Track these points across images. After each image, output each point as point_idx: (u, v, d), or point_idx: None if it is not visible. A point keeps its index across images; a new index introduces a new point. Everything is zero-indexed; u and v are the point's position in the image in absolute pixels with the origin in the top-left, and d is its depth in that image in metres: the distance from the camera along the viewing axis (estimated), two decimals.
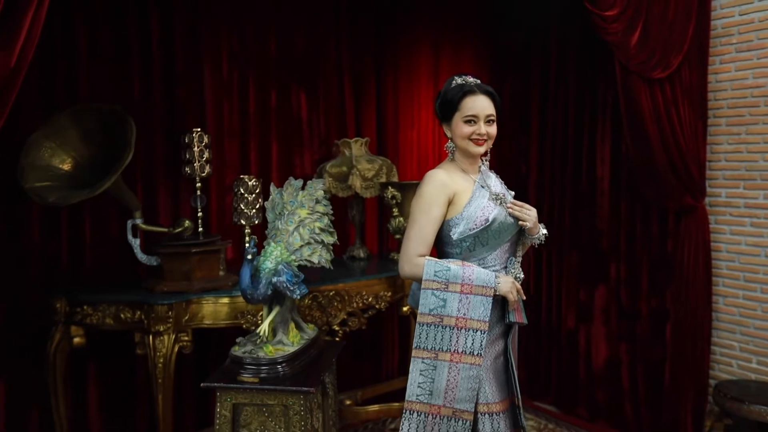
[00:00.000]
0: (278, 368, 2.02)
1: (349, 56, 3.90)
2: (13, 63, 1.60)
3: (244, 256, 2.01)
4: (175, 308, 2.66)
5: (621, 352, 3.81)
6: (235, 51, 3.46)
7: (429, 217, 2.04)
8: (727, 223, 3.41)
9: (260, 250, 2.19)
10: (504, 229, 2.09)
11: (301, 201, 2.25)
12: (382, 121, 4.10)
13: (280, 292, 2.03)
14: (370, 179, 3.61)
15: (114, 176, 2.33)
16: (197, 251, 2.79)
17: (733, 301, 3.39)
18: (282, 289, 2.00)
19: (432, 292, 1.98)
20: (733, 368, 3.40)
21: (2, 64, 1.58)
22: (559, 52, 4.03)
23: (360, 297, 3.14)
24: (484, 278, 1.99)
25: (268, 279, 1.99)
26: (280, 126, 3.66)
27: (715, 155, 3.43)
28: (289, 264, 2.06)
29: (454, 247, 2.09)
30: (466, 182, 2.12)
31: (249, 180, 3.06)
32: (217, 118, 3.43)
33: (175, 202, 3.30)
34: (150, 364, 2.66)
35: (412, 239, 2.04)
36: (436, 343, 1.98)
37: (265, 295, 2.01)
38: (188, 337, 2.72)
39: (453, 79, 2.17)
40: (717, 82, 3.40)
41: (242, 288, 2.01)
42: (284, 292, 2.02)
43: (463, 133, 2.08)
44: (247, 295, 2.01)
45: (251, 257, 1.99)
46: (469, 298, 1.97)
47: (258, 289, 1.98)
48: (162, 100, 3.22)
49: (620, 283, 3.80)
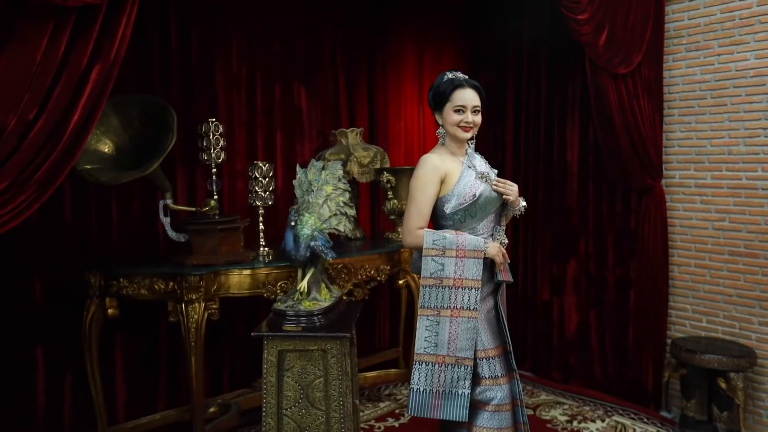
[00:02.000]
0: (315, 319, 2.36)
1: (343, 56, 4.27)
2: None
3: (287, 223, 2.35)
4: (205, 279, 2.96)
5: (591, 319, 4.26)
6: (244, 49, 3.77)
7: (425, 195, 2.34)
8: (681, 201, 3.90)
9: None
10: (489, 203, 2.42)
11: (325, 179, 2.59)
12: (373, 113, 4.46)
13: (316, 254, 2.37)
14: (366, 165, 3.96)
15: (160, 158, 2.63)
16: (222, 228, 3.09)
17: (686, 269, 3.88)
18: (318, 251, 2.35)
19: (432, 258, 2.28)
20: (686, 327, 3.89)
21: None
22: (531, 51, 4.48)
23: (363, 270, 3.50)
24: (475, 243, 2.31)
25: (307, 243, 2.34)
26: (284, 117, 3.98)
27: (670, 141, 3.92)
28: (322, 231, 2.41)
29: (447, 220, 2.40)
30: (455, 164, 2.44)
31: (263, 165, 3.38)
32: (228, 110, 3.72)
33: (192, 186, 3.58)
34: (183, 330, 2.96)
35: (413, 214, 2.35)
36: (438, 301, 2.27)
37: (305, 256, 2.35)
38: (216, 305, 3.03)
39: (445, 74, 2.50)
40: (670, 78, 3.89)
41: (287, 250, 2.34)
42: (320, 254, 2.36)
43: (452, 121, 2.39)
44: (291, 256, 2.35)
45: (294, 224, 2.33)
46: (463, 261, 2.28)
47: (300, 251, 2.33)
48: (179, 91, 3.49)
49: (589, 256, 4.25)
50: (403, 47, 4.56)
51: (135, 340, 3.41)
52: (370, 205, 4.44)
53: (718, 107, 3.67)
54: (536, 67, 4.46)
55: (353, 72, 4.33)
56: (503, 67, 4.68)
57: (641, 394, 3.91)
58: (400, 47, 4.55)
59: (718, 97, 3.66)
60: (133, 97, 2.90)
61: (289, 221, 2.32)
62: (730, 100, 3.62)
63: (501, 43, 4.69)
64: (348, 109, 4.33)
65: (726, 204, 3.67)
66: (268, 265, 3.13)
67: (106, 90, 2.07)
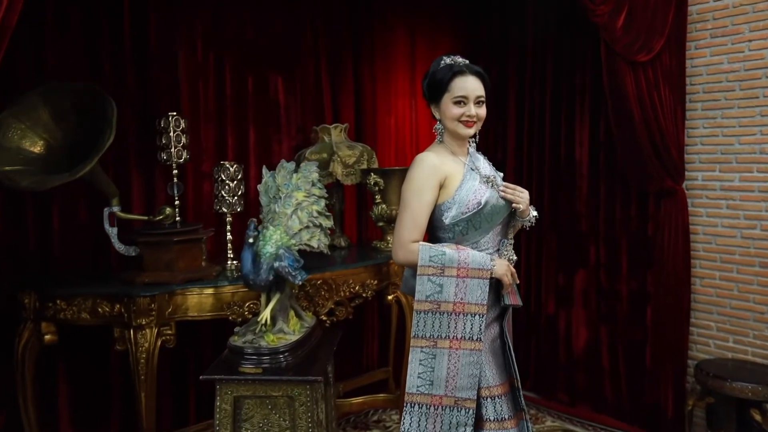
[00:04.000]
0: (281, 358, 1.93)
1: (326, 42, 3.81)
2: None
3: (245, 240, 1.90)
4: (158, 300, 2.52)
5: (601, 335, 3.85)
6: (210, 33, 3.31)
7: (421, 202, 2.00)
8: (704, 206, 3.48)
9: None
10: (496, 212, 2.07)
11: (296, 183, 2.15)
12: (360, 107, 4.02)
13: (282, 277, 1.93)
14: (351, 166, 3.53)
15: (94, 159, 2.17)
16: (180, 240, 2.65)
17: (710, 282, 3.47)
18: (284, 274, 1.91)
19: (428, 277, 1.94)
20: (710, 348, 3.48)
21: None
22: (536, 37, 4.04)
23: (347, 285, 3.06)
24: (479, 261, 1.97)
25: (270, 264, 1.89)
26: (258, 111, 3.54)
27: (692, 139, 3.50)
28: (289, 248, 1.96)
29: (446, 232, 2.06)
30: (456, 165, 2.09)
31: (230, 166, 2.93)
32: (193, 102, 3.28)
33: (150, 190, 3.14)
34: (131, 360, 2.51)
35: (405, 225, 2.00)
36: (435, 330, 1.93)
37: (267, 280, 1.91)
38: (171, 330, 2.59)
39: (441, 59, 2.13)
40: (693, 67, 3.46)
41: (244, 273, 1.90)
42: (286, 277, 1.92)
43: (452, 115, 2.04)
44: (249, 281, 1.91)
45: (252, 241, 1.88)
46: (465, 281, 1.94)
47: (260, 274, 1.88)
48: (134, 82, 3.05)
49: (600, 266, 3.84)
50: (393, 34, 4.12)
51: (81, 369, 2.96)
52: (357, 209, 4.00)
53: (749, 100, 3.25)
54: (541, 56, 4.02)
55: (337, 61, 3.88)
56: (504, 55, 4.24)
57: (660, 421, 3.49)
58: (389, 34, 4.10)
59: (749, 88, 3.25)
60: (64, 85, 2.43)
61: (247, 237, 1.88)
62: (762, 92, 3.21)
63: (502, 29, 4.25)
64: (331, 102, 3.89)
65: (757, 210, 3.26)
66: (234, 283, 2.66)
67: None
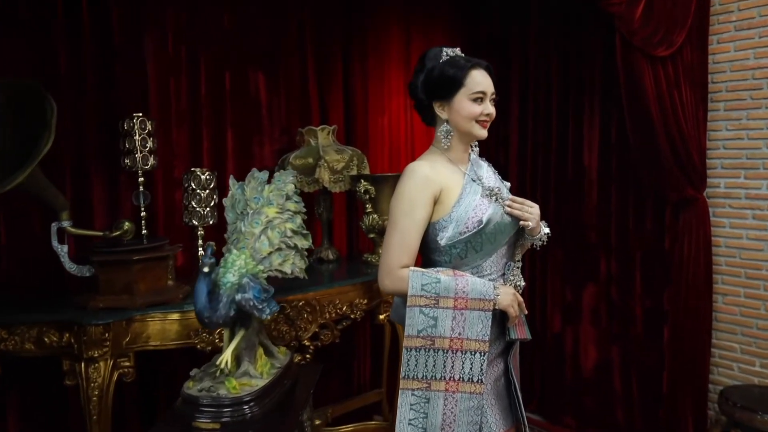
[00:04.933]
0: (245, 409, 1.60)
1: (313, 36, 3.47)
2: None
3: (199, 269, 1.58)
4: (113, 328, 2.20)
5: (612, 355, 3.54)
6: (183, 25, 2.97)
7: (412, 221, 1.73)
8: (727, 216, 3.17)
9: (219, 259, 1.76)
10: (501, 231, 1.79)
11: (268, 197, 1.83)
12: (350, 107, 3.68)
13: (246, 311, 1.61)
14: (340, 172, 3.23)
15: (28, 168, 1.85)
16: (140, 258, 2.32)
17: (734, 300, 3.16)
18: (248, 308, 1.59)
19: (420, 309, 1.68)
20: (734, 372, 3.17)
21: None
22: (540, 31, 3.73)
23: (333, 306, 2.75)
24: (480, 290, 1.71)
25: (231, 296, 1.57)
26: (237, 111, 3.20)
27: (713, 142, 3.18)
28: (256, 276, 1.65)
29: (442, 255, 1.79)
30: (454, 176, 1.82)
31: (202, 173, 2.62)
32: (163, 102, 2.95)
33: (114, 200, 2.81)
34: (82, 397, 2.19)
35: (393, 248, 1.73)
36: (428, 370, 1.68)
37: (226, 316, 1.59)
38: (130, 362, 2.27)
39: (442, 51, 1.85)
40: (715, 63, 3.15)
41: (198, 309, 1.58)
42: (251, 312, 1.60)
43: (471, 113, 1.79)
44: (204, 319, 1.58)
45: (208, 269, 1.56)
46: (464, 314, 1.69)
47: (218, 310, 1.56)
48: (96, 79, 2.72)
49: (611, 280, 3.54)
50: (387, 27, 3.78)
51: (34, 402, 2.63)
52: (347, 218, 3.68)
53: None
54: (546, 51, 3.70)
55: (326, 55, 3.54)
56: (506, 50, 3.91)
57: None
58: (383, 27, 3.77)
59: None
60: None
61: (201, 265, 1.56)
62: None
63: (504, 21, 3.92)
64: (319, 101, 3.55)
65: None
66: None
67: None
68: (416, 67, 1.90)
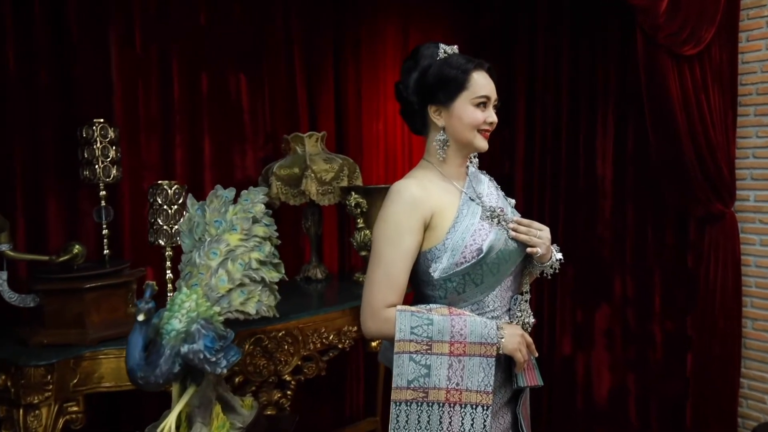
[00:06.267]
0: None
1: (301, 33, 3.17)
2: None
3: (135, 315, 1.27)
4: (58, 369, 1.89)
5: (628, 384, 3.25)
6: (152, 20, 2.67)
7: (398, 252, 1.48)
8: (757, 232, 2.87)
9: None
10: (505, 260, 1.53)
11: (231, 221, 1.53)
12: (342, 111, 3.38)
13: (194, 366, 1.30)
14: (329, 183, 2.94)
15: None
16: (94, 286, 2.02)
17: (765, 325, 2.85)
18: (197, 362, 1.28)
19: (410, 356, 1.44)
20: (765, 405, 2.86)
21: None
22: (549, 28, 3.42)
23: (318, 336, 2.45)
24: (482, 332, 1.46)
25: (175, 349, 1.27)
26: (215, 117, 2.90)
27: (742, 151, 2.88)
28: (210, 320, 1.34)
29: (435, 289, 1.54)
30: (448, 195, 1.57)
31: (169, 186, 2.31)
32: (130, 106, 2.65)
33: (73, 217, 2.50)
34: None
35: (377, 284, 1.48)
36: (421, 428, 1.44)
37: (168, 374, 1.28)
38: (79, 407, 1.97)
39: (439, 48, 1.59)
40: (744, 64, 2.84)
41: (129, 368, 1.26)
42: (200, 367, 1.30)
43: (473, 120, 1.55)
44: (137, 379, 1.27)
45: (144, 317, 1.25)
46: (462, 361, 1.44)
47: (157, 366, 1.25)
48: (51, 82, 2.43)
49: (627, 302, 3.24)
50: (382, 23, 3.48)
51: None
52: (339, 234, 3.38)
53: None
54: (555, 50, 3.41)
55: (315, 55, 3.24)
56: (511, 50, 3.61)
57: None
58: (377, 25, 3.46)
59: None
60: None
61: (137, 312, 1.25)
62: None
63: (509, 16, 3.61)
64: (308, 105, 3.25)
65: None
66: None
67: None
68: (406, 64, 1.61)
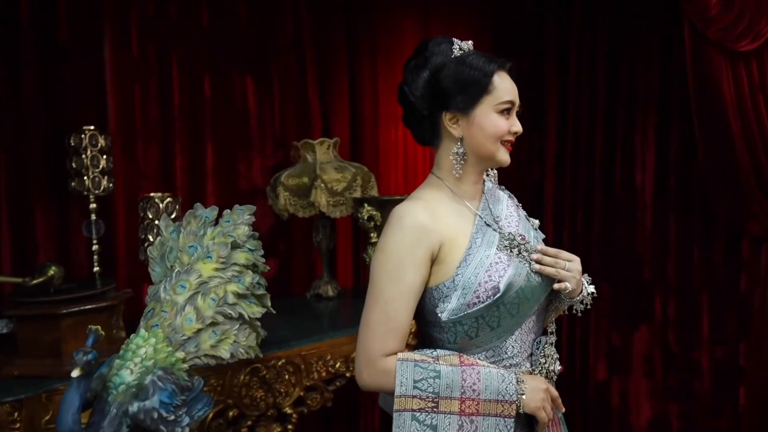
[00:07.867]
0: None
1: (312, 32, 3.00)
2: None
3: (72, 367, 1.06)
4: (28, 405, 1.71)
5: (670, 416, 3.00)
6: (149, 20, 2.52)
7: (400, 290, 1.27)
8: None
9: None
10: (526, 299, 1.30)
11: (207, 246, 1.32)
12: (358, 116, 3.20)
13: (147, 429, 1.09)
14: (340, 193, 2.73)
15: None
16: (72, 311, 1.84)
17: None
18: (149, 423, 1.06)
19: (413, 415, 1.23)
20: None
21: None
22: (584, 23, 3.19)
23: (323, 363, 2.24)
24: (498, 387, 1.25)
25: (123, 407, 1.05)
26: (219, 123, 2.74)
27: None
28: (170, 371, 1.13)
29: (443, 332, 1.31)
30: (460, 219, 1.34)
31: (160, 200, 2.14)
32: (126, 112, 2.50)
33: (62, 231, 2.36)
34: None
35: (374, 327, 1.27)
36: None
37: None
38: None
39: (453, 44, 1.37)
40: None
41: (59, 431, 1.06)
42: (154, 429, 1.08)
43: (498, 130, 1.31)
44: None
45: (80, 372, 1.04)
46: (475, 421, 1.24)
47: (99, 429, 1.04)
48: (39, 86, 2.29)
49: (668, 324, 3.01)
50: (400, 19, 3.28)
51: None
52: (353, 247, 3.17)
53: None
54: (590, 49, 3.17)
55: (328, 56, 3.07)
56: (541, 48, 3.39)
57: None
58: (395, 22, 3.26)
59: None
60: None
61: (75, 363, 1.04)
62: None
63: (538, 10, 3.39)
64: (320, 110, 3.07)
65: None
66: None
67: None
68: (412, 62, 1.38)
